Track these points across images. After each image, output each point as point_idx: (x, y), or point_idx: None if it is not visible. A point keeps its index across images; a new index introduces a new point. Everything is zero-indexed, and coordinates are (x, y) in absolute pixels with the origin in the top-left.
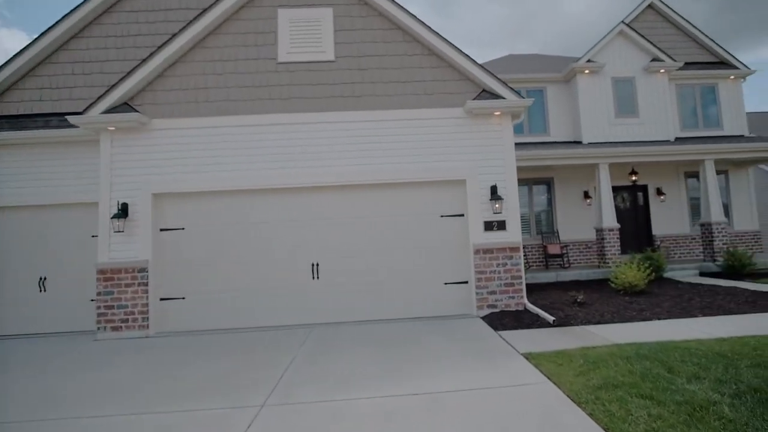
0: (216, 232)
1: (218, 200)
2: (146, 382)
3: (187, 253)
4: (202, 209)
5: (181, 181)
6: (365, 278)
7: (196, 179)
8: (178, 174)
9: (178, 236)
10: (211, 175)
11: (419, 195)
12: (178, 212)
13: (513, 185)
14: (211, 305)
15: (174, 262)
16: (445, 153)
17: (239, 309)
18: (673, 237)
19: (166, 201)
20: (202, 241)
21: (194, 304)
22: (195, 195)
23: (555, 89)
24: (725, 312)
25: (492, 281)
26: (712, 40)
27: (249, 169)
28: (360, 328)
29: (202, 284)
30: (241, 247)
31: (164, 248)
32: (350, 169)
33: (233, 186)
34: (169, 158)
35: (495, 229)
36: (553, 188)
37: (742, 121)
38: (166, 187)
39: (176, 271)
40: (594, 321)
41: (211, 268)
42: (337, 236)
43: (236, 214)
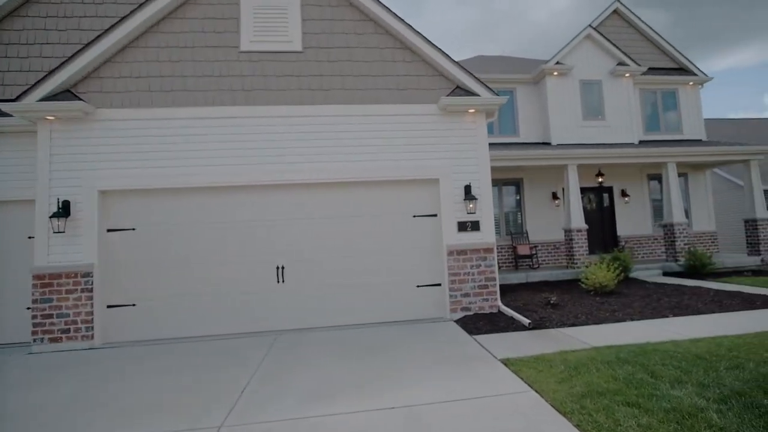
0: (171, 233)
1: (173, 198)
2: (80, 403)
3: (139, 256)
4: (155, 208)
5: (132, 177)
6: (334, 281)
7: (148, 175)
8: (128, 169)
9: (127, 237)
10: (165, 170)
11: (391, 194)
12: (128, 211)
13: (487, 185)
14: (166, 312)
15: (123, 265)
16: (419, 151)
17: (197, 316)
18: (636, 238)
19: (114, 199)
20: (155, 243)
21: (146, 311)
22: (147, 192)
23: (525, 90)
24: (694, 312)
25: (466, 283)
26: (672, 47)
27: (207, 165)
28: (329, 334)
29: (155, 290)
30: (198, 249)
31: (112, 250)
32: (318, 167)
33: (190, 183)
34: (118, 152)
35: (469, 230)
36: (522, 189)
37: (700, 126)
38: (115, 183)
39: (126, 276)
40: (569, 323)
41: (165, 272)
42: (304, 237)
43: (193, 213)
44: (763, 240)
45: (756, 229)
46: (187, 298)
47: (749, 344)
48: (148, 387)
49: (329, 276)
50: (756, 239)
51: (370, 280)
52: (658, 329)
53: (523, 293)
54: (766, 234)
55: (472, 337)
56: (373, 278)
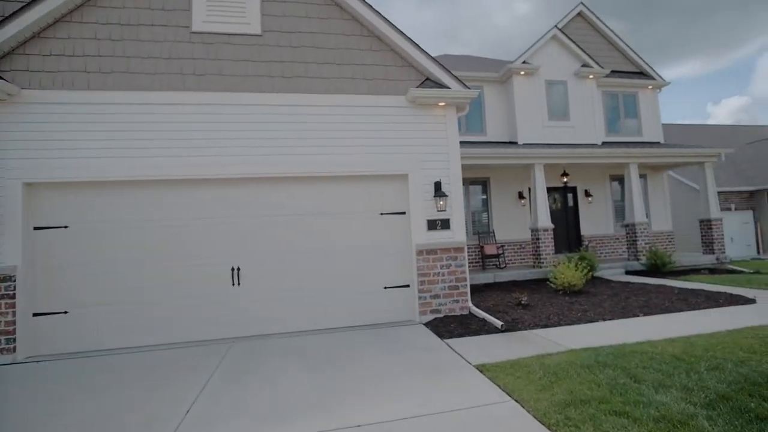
0: (110, 231)
1: (113, 192)
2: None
3: (71, 257)
4: (91, 203)
5: (64, 168)
6: (295, 284)
7: (84, 166)
8: (60, 159)
9: (59, 236)
10: (104, 161)
11: (357, 190)
12: (60, 206)
13: (458, 182)
14: (104, 321)
15: (53, 268)
16: (387, 145)
17: (140, 323)
18: (599, 237)
19: (42, 192)
20: (90, 242)
21: (80, 319)
22: (82, 185)
23: (492, 89)
24: (663, 310)
25: (435, 284)
26: (633, 51)
27: (153, 156)
28: (290, 341)
29: (91, 295)
30: (142, 249)
31: (40, 251)
32: (277, 160)
33: (132, 176)
34: (48, 139)
35: (439, 228)
36: (489, 188)
37: (659, 129)
38: (44, 174)
39: (56, 280)
40: (541, 324)
41: (103, 274)
42: (262, 236)
43: (136, 209)
44: (716, 239)
45: (710, 228)
46: (130, 305)
47: (723, 343)
48: (71, 410)
49: (290, 278)
50: (710, 238)
51: (335, 282)
52: (631, 329)
53: (492, 293)
54: (719, 233)
55: (444, 341)
56: (338, 280)
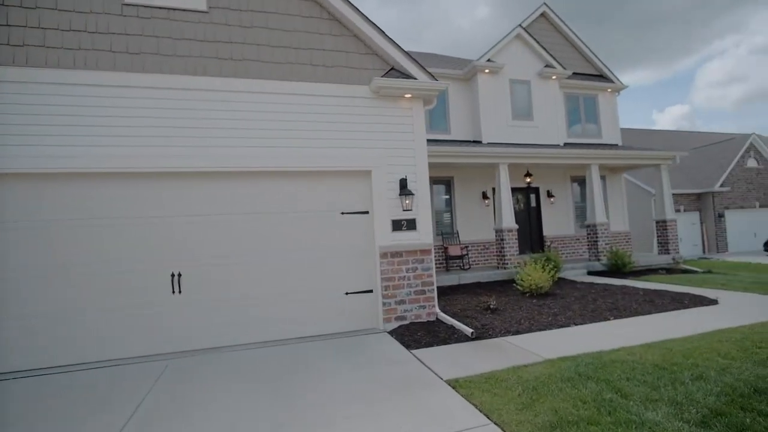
0: (20, 231)
1: (26, 186)
2: None
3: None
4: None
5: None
6: (245, 291)
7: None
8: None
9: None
10: (13, 150)
11: (315, 187)
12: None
13: (424, 179)
14: (17, 338)
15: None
16: (348, 138)
17: (60, 339)
18: (560, 238)
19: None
20: (5, 246)
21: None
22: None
23: (456, 87)
24: (632, 313)
25: (401, 289)
26: (594, 54)
27: (77, 144)
28: (239, 356)
29: (7, 307)
30: (63, 252)
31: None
32: (223, 153)
33: (52, 167)
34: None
35: (404, 229)
36: (452, 188)
37: (617, 131)
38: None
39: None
40: (512, 330)
41: (22, 283)
42: (208, 238)
43: (56, 206)
44: (671, 239)
45: (666, 229)
46: (51, 318)
47: (699, 348)
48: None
49: (240, 285)
50: (666, 239)
51: (290, 288)
52: (605, 334)
53: (457, 296)
54: (674, 234)
55: (411, 352)
56: (294, 286)
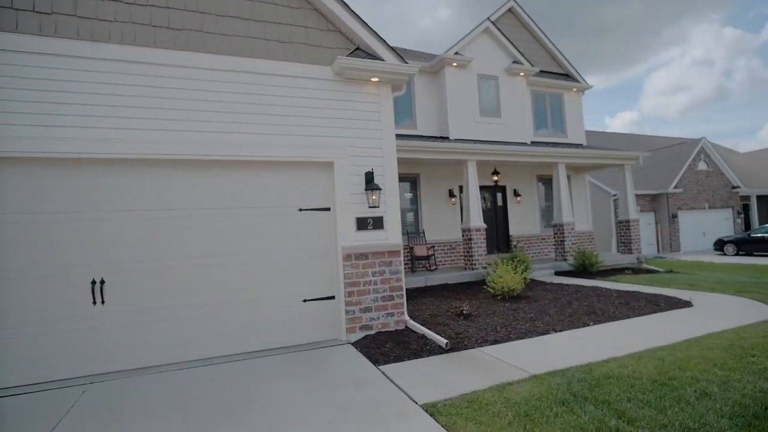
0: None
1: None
2: None
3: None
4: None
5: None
6: (185, 299)
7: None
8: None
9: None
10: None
11: (269, 180)
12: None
13: (393, 173)
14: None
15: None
16: (307, 125)
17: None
18: (527, 237)
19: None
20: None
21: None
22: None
23: (423, 80)
24: (611, 317)
25: (366, 295)
26: (560, 52)
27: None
28: (174, 377)
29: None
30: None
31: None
32: (157, 137)
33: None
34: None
35: (370, 228)
36: (418, 186)
37: (582, 131)
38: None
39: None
40: (490, 339)
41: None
42: (138, 238)
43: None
44: (634, 239)
45: (629, 229)
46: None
47: (692, 358)
48: None
49: (176, 293)
50: (629, 238)
51: (238, 295)
52: (589, 343)
53: (426, 300)
54: (636, 234)
55: (379, 368)
56: (243, 293)
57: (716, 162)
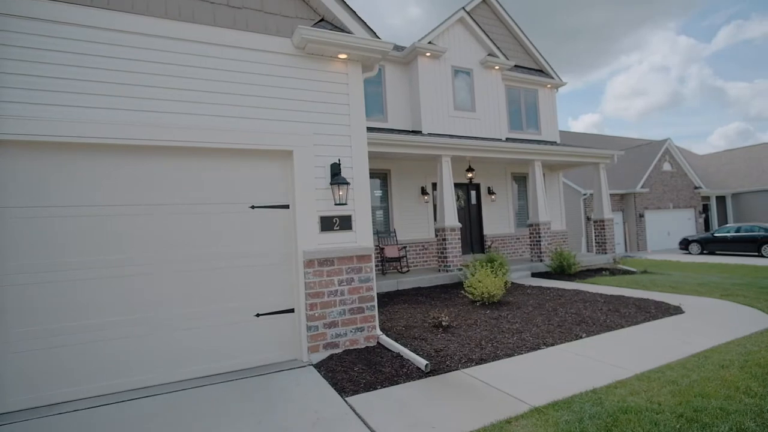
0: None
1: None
2: None
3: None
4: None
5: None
6: (98, 319)
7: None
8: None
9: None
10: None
11: (215, 172)
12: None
13: (363, 165)
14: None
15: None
16: (263, 107)
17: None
18: (501, 237)
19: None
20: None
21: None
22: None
23: (394, 70)
24: (603, 326)
25: (332, 307)
26: (534, 47)
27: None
28: (86, 418)
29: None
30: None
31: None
32: (85, 114)
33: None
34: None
35: (337, 229)
36: (389, 182)
37: (556, 129)
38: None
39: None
40: (475, 358)
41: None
42: (40, 241)
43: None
44: (608, 239)
45: (603, 228)
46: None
47: (709, 381)
48: None
49: (103, 310)
50: (603, 238)
51: (176, 310)
52: (587, 360)
53: (398, 307)
54: (611, 233)
55: (346, 400)
56: (183, 307)
57: (680, 163)
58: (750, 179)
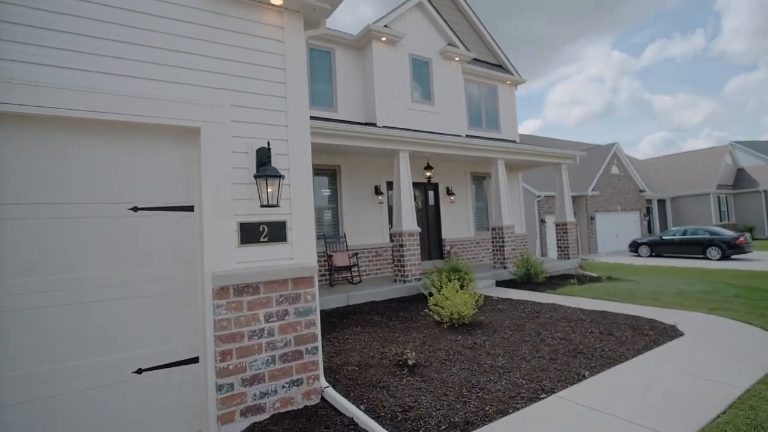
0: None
1: None
2: None
3: None
4: None
5: None
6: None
7: None
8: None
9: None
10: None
11: (77, 155)
12: None
13: (303, 153)
14: None
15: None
16: (160, 61)
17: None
18: (460, 241)
19: None
20: None
21: None
22: None
23: (346, 55)
24: (604, 358)
25: (255, 354)
26: (494, 41)
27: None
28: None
29: None
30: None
31: None
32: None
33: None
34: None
35: (265, 241)
36: (339, 180)
37: (515, 127)
38: None
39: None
40: (458, 421)
41: None
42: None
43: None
44: (571, 243)
45: (566, 232)
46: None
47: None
48: None
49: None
50: (566, 242)
51: (23, 369)
52: (610, 421)
53: (350, 332)
54: (574, 237)
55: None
56: (27, 366)
57: (627, 167)
58: (686, 184)
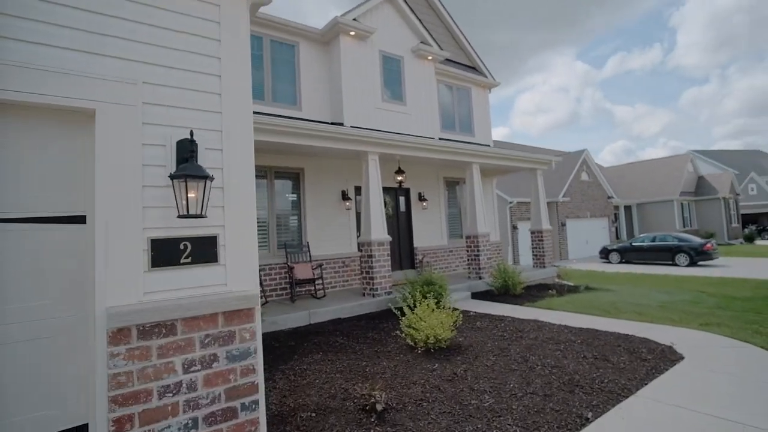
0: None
1: None
2: None
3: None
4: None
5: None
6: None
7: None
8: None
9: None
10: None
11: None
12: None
13: (244, 148)
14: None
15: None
16: (34, 17)
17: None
18: (433, 250)
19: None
20: None
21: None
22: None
23: (311, 50)
24: (604, 393)
25: (169, 418)
26: (467, 42)
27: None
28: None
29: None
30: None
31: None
32: None
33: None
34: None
35: (187, 262)
36: (302, 185)
37: (489, 131)
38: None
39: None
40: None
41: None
42: None
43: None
44: (547, 251)
45: (542, 240)
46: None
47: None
48: None
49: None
50: (542, 250)
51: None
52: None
53: (309, 360)
54: (549, 245)
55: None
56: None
57: (595, 173)
58: (651, 191)
